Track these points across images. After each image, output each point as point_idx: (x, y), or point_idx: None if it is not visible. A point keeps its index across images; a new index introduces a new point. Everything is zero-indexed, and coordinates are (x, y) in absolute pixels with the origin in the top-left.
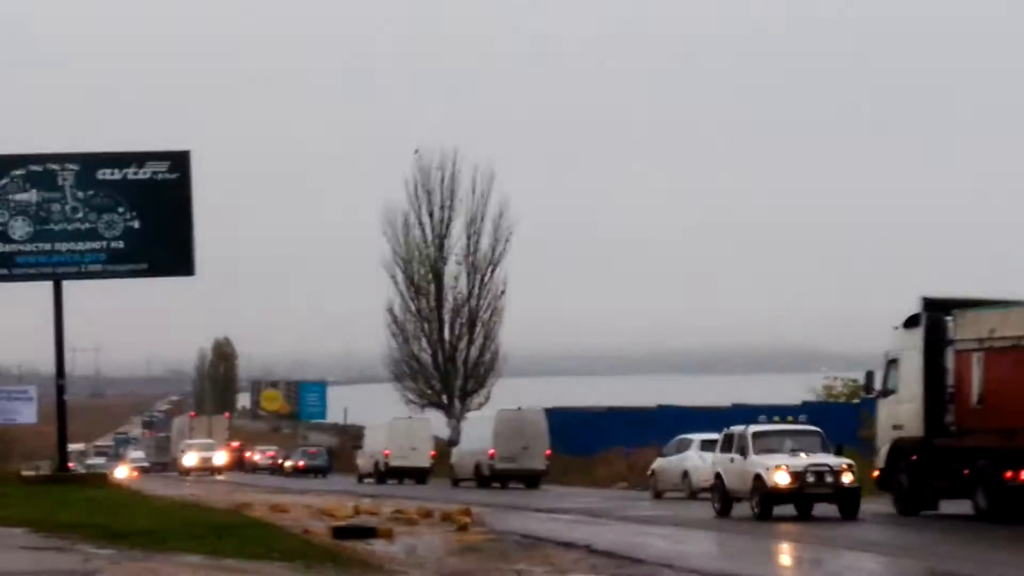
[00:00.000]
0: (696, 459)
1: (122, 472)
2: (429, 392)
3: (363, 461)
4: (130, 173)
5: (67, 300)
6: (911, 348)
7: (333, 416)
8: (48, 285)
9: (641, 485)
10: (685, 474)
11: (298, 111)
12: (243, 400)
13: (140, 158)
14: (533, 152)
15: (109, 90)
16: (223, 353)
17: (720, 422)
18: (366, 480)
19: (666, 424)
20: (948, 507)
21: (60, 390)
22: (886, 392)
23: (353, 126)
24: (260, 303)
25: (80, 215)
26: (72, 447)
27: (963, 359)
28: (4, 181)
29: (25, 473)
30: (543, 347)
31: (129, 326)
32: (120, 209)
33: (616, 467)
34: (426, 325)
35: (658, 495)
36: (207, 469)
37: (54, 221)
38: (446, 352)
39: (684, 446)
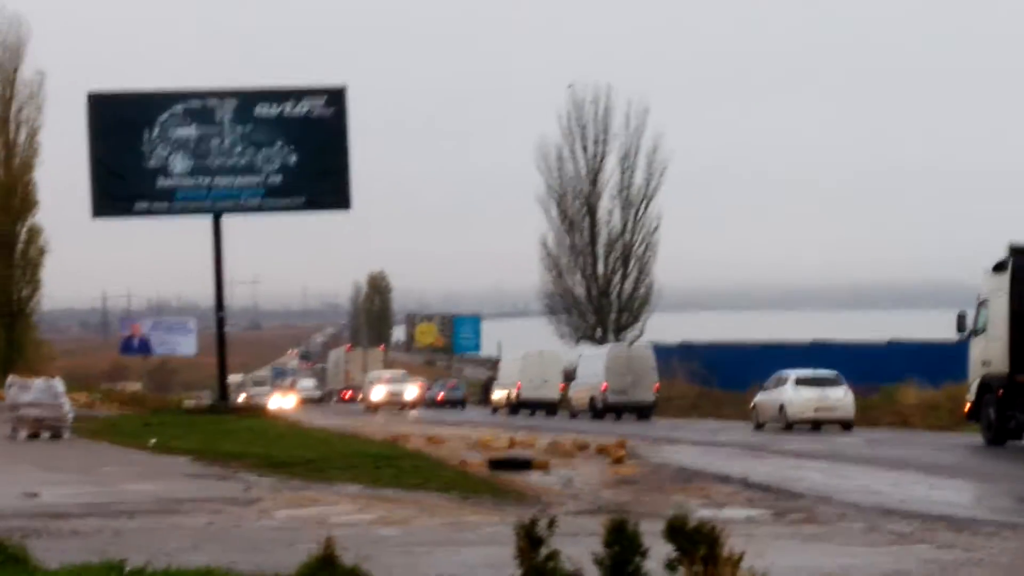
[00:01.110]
0: (791, 394)
1: (289, 401)
2: (583, 326)
3: (497, 393)
4: (287, 109)
5: (226, 234)
6: (999, 291)
7: (488, 350)
8: (207, 219)
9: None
10: (781, 407)
11: (453, 46)
12: (398, 333)
13: (298, 94)
14: (688, 86)
15: (269, 27)
16: (378, 286)
17: (874, 359)
18: (499, 412)
19: (821, 359)
20: None
21: (220, 322)
22: (976, 331)
23: (507, 60)
24: (414, 237)
25: (238, 150)
26: (230, 378)
27: None
28: (164, 117)
29: (186, 403)
30: (698, 282)
31: (286, 259)
32: (278, 144)
33: None
34: (580, 259)
35: (759, 426)
36: (397, 404)
37: (213, 156)
38: (600, 286)
39: (781, 382)
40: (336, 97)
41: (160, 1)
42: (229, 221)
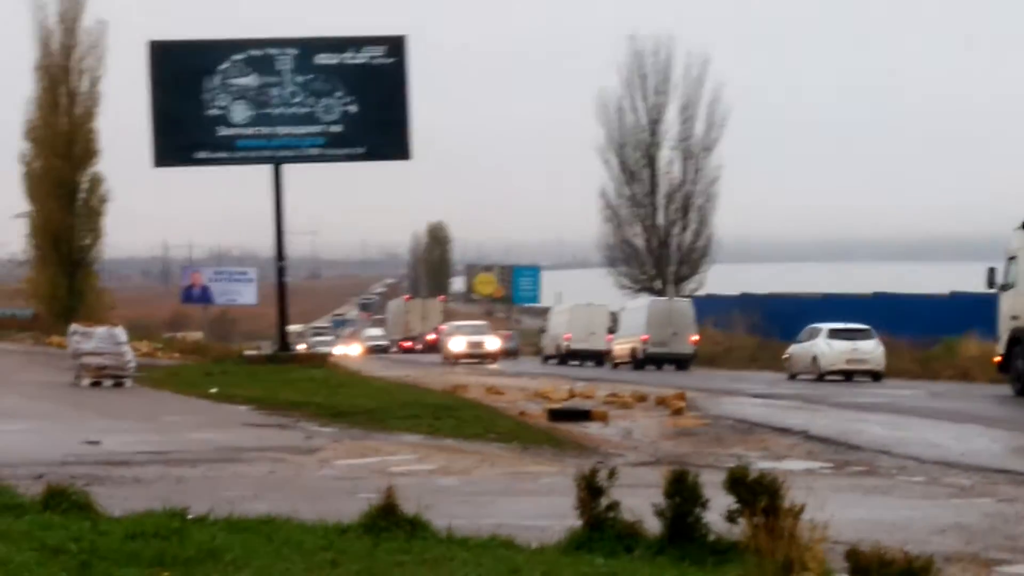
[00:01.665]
0: (823, 346)
1: (354, 350)
2: (643, 277)
3: (547, 343)
4: (347, 58)
5: (286, 183)
6: None
7: (547, 301)
8: (267, 169)
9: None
10: (814, 358)
11: None
12: (457, 284)
13: (357, 43)
14: (749, 35)
15: None
16: (437, 237)
17: (936, 311)
18: (549, 361)
19: (882, 312)
20: None
21: (280, 272)
22: (1006, 286)
23: (568, 9)
24: (473, 188)
25: (299, 99)
26: (290, 328)
27: None
28: (225, 65)
29: (247, 352)
30: (758, 233)
31: (346, 209)
32: (338, 94)
33: None
34: (640, 210)
35: (792, 377)
36: (477, 356)
37: (273, 105)
38: (660, 237)
39: (814, 334)
40: (396, 46)
41: None
42: (289, 171)
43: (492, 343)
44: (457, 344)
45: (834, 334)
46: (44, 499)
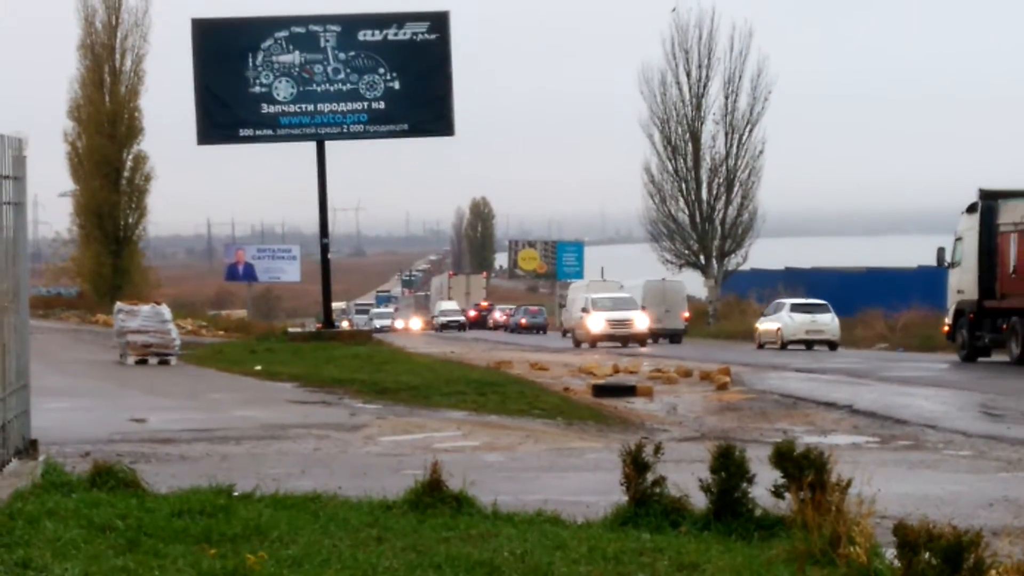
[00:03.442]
0: (787, 318)
1: (415, 324)
2: (686, 252)
3: (566, 319)
4: (390, 34)
5: (329, 160)
6: (970, 229)
7: (590, 275)
8: (311, 146)
9: (902, 347)
10: (778, 330)
11: None
12: (500, 260)
13: (400, 19)
14: (794, 7)
15: None
16: (480, 213)
17: None
18: (568, 335)
19: (927, 284)
20: (997, 356)
21: (324, 249)
22: (953, 264)
23: None
24: (516, 163)
25: (342, 76)
26: (335, 305)
27: (1004, 238)
28: (268, 43)
29: (291, 330)
30: (803, 206)
31: (388, 186)
32: (381, 70)
33: (876, 328)
34: (683, 185)
35: (760, 346)
36: (622, 338)
37: (316, 82)
38: (703, 212)
39: (779, 308)
40: (439, 22)
41: None
42: (333, 148)
43: (641, 320)
44: (596, 323)
45: (795, 308)
46: (91, 477)
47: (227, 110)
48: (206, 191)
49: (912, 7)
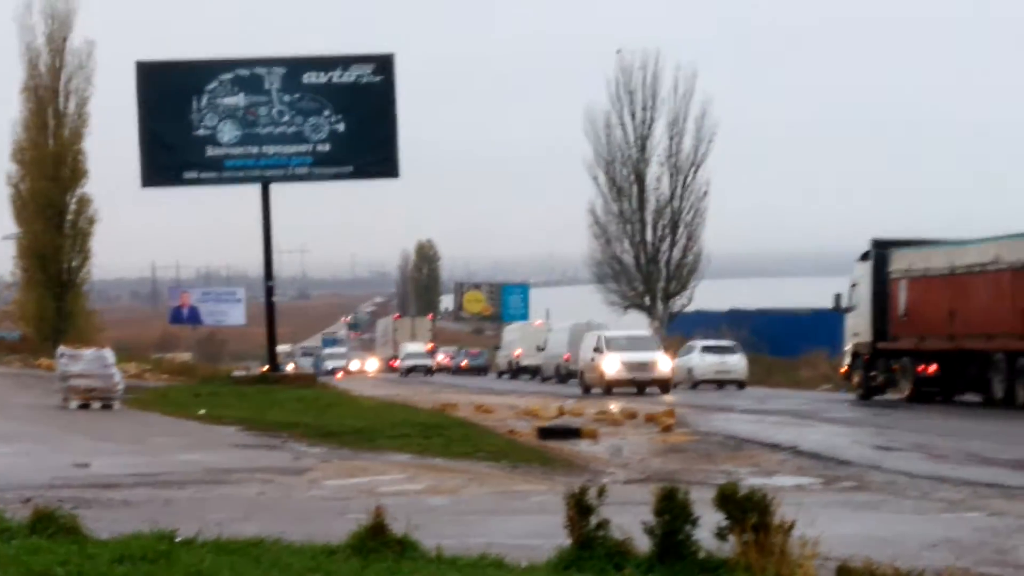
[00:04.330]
0: (697, 359)
1: (371, 365)
2: (631, 294)
3: (500, 360)
4: (335, 76)
5: (274, 203)
6: (864, 275)
7: (536, 318)
8: (256, 188)
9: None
10: (690, 370)
11: (502, 11)
12: (446, 302)
13: (345, 61)
14: (738, 50)
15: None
16: (426, 255)
17: None
18: (502, 376)
19: None
20: (891, 394)
21: (269, 291)
22: (849, 309)
23: (555, 26)
24: (463, 205)
25: (286, 118)
26: (279, 348)
27: (895, 284)
28: (212, 85)
29: (235, 373)
30: (748, 247)
31: (334, 228)
32: (326, 112)
33: (820, 368)
34: (628, 226)
35: (673, 385)
36: (643, 382)
37: (261, 125)
38: (648, 254)
39: (691, 350)
40: (384, 65)
41: None
42: (277, 190)
43: (664, 363)
44: (611, 365)
45: (706, 349)
46: (32, 523)
47: (171, 153)
48: (151, 234)
49: (861, 51)
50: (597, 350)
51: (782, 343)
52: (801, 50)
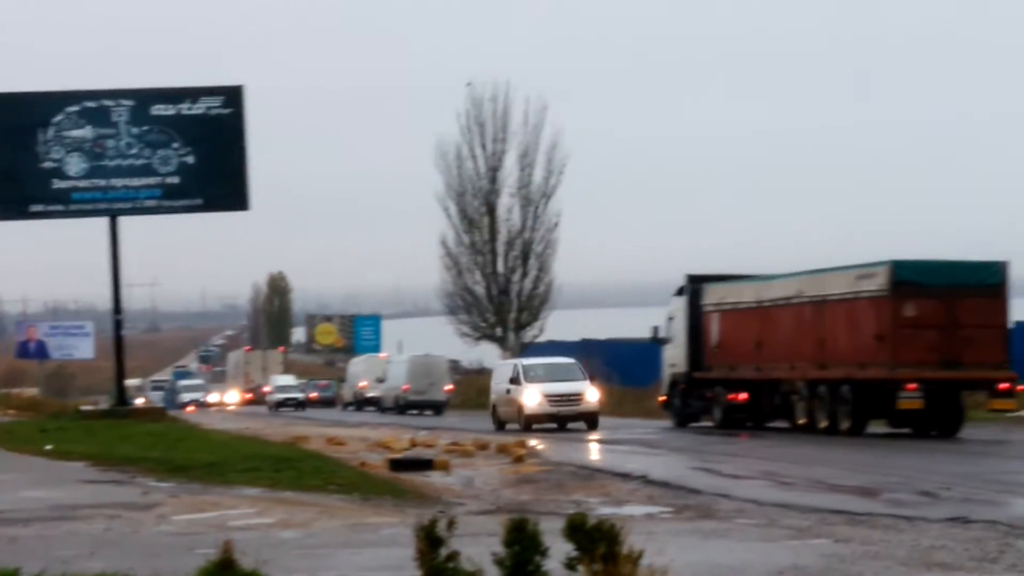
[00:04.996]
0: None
1: (232, 397)
2: (483, 325)
3: (345, 391)
4: (184, 108)
5: (123, 236)
6: (680, 309)
7: (388, 350)
8: (104, 221)
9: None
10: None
11: (352, 46)
12: (298, 334)
13: (194, 93)
14: (588, 81)
15: (165, 27)
16: (277, 287)
17: None
18: (348, 408)
19: None
20: (704, 421)
21: (117, 325)
22: (666, 340)
23: (406, 59)
24: (314, 238)
25: (135, 151)
26: (129, 382)
27: (708, 317)
28: (59, 118)
29: (84, 407)
30: (599, 278)
31: (184, 261)
32: (174, 145)
33: None
34: (479, 258)
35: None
36: (567, 416)
37: (109, 157)
38: (500, 285)
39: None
40: (234, 97)
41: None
42: (127, 223)
43: (592, 394)
44: (531, 398)
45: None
46: None
47: (17, 185)
48: None
49: (711, 87)
50: (514, 380)
51: (633, 372)
52: (665, 81)
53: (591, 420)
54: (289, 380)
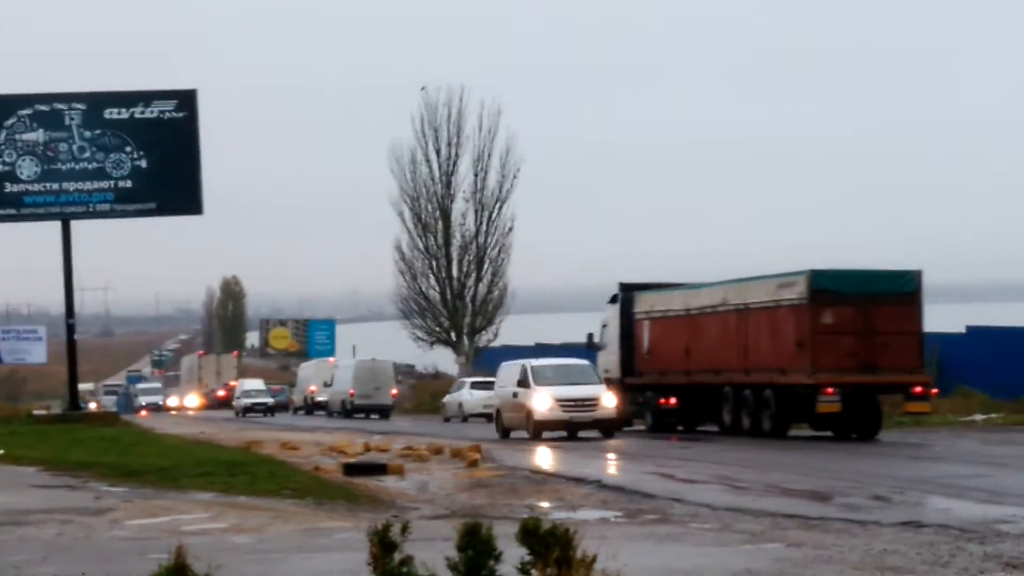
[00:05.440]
0: (467, 395)
1: (192, 401)
2: (438, 330)
3: (296, 396)
4: (137, 112)
5: (75, 239)
6: (613, 317)
7: (342, 354)
8: (56, 225)
9: None
10: (460, 404)
11: (305, 48)
12: (252, 339)
13: (147, 97)
14: (543, 85)
15: (114, 33)
16: (231, 292)
17: None
18: (298, 412)
19: None
20: (637, 425)
21: (70, 329)
22: (600, 347)
23: (360, 63)
24: (268, 242)
25: (87, 154)
26: (82, 386)
27: (639, 324)
28: (11, 121)
29: (36, 412)
30: (554, 282)
31: (138, 265)
32: (127, 148)
33: None
34: (434, 263)
35: (446, 420)
36: (582, 423)
37: (61, 161)
38: (454, 289)
39: (461, 386)
40: (186, 100)
41: (15, 3)
42: (79, 227)
43: (608, 399)
44: (543, 402)
45: (475, 386)
46: None
47: None
48: None
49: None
50: (522, 383)
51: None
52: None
53: (607, 428)
54: (258, 384)
